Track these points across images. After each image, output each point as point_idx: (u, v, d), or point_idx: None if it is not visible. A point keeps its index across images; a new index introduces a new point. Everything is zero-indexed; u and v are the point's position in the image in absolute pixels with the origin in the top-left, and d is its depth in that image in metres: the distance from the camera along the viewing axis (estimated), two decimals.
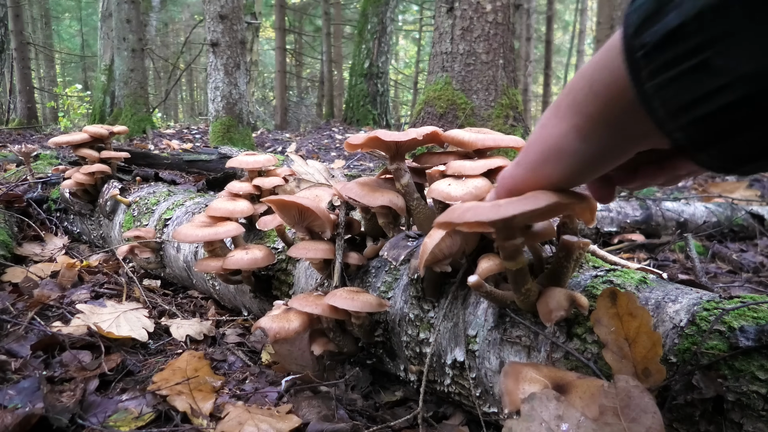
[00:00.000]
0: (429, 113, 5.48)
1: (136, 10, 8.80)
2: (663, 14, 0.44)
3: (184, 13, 21.79)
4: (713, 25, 0.41)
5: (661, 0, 0.44)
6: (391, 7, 8.55)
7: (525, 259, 0.76)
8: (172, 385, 1.14)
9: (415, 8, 20.66)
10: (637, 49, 0.46)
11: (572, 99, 0.56)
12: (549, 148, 0.59)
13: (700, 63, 0.42)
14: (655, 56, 0.45)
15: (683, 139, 0.47)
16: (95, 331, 1.35)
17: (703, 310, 0.77)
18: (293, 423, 1.02)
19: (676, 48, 0.43)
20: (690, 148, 0.48)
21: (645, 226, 2.73)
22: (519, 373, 0.73)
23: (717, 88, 0.43)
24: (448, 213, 0.66)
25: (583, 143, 0.56)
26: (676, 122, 0.46)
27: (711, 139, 0.46)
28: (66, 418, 1.00)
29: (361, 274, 1.19)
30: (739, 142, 0.45)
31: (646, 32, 0.45)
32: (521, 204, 0.60)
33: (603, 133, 0.54)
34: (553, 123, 0.58)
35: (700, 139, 0.47)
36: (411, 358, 1.08)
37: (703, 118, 0.45)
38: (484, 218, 0.61)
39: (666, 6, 0.44)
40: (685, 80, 0.44)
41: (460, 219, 0.63)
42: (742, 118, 0.43)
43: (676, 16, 0.43)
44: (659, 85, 0.45)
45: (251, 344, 1.46)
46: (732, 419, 0.67)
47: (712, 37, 0.41)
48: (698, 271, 1.89)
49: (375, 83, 9.04)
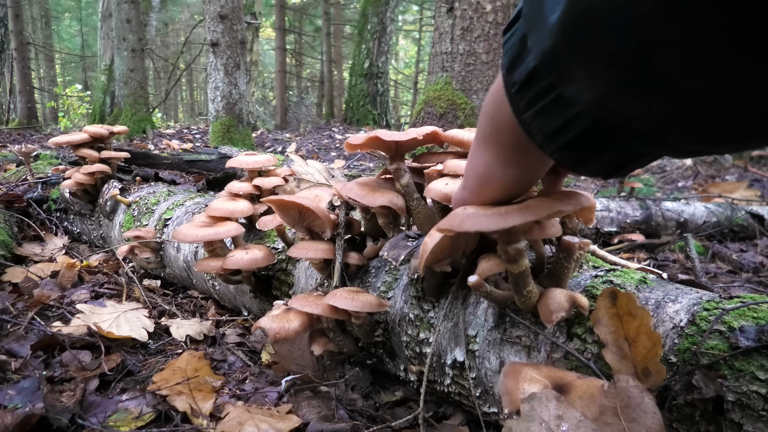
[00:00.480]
0: (429, 113, 5.48)
1: (136, 10, 8.80)
2: (524, 57, 0.51)
3: (184, 13, 21.79)
4: (556, 65, 0.46)
5: (521, 44, 0.51)
6: (391, 7, 8.54)
7: (527, 262, 0.76)
8: (172, 385, 1.14)
9: (415, 8, 20.66)
10: (511, 86, 0.53)
11: (483, 133, 0.64)
12: (482, 176, 0.67)
13: (557, 97, 0.49)
14: (524, 92, 0.52)
15: (563, 159, 0.55)
16: (95, 331, 1.35)
17: (703, 310, 0.77)
18: (293, 423, 1.02)
19: (537, 85, 0.50)
20: (569, 165, 0.56)
21: (645, 226, 2.73)
22: (519, 373, 0.73)
23: (574, 116, 0.50)
24: (449, 219, 0.66)
25: (507, 167, 0.64)
26: (553, 146, 0.54)
27: (582, 157, 0.54)
28: (66, 418, 1.00)
29: (361, 274, 1.19)
30: (606, 157, 0.53)
31: (515, 72, 0.52)
32: (522, 215, 0.60)
33: (517, 156, 0.63)
34: (478, 154, 0.66)
35: (575, 158, 0.54)
36: (411, 358, 1.08)
37: (571, 141, 0.52)
38: (484, 228, 0.61)
39: (524, 50, 0.50)
40: (549, 111, 0.51)
41: (461, 227, 0.64)
42: (602, 138, 0.50)
43: (532, 59, 0.49)
44: (532, 116, 0.53)
45: (251, 344, 1.46)
46: (732, 419, 0.67)
47: (559, 75, 0.47)
48: (698, 271, 1.89)
49: (375, 83, 9.04)
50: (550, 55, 0.46)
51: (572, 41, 0.42)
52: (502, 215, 0.61)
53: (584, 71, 0.43)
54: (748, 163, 5.51)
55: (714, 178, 5.31)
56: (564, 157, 0.54)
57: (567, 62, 0.45)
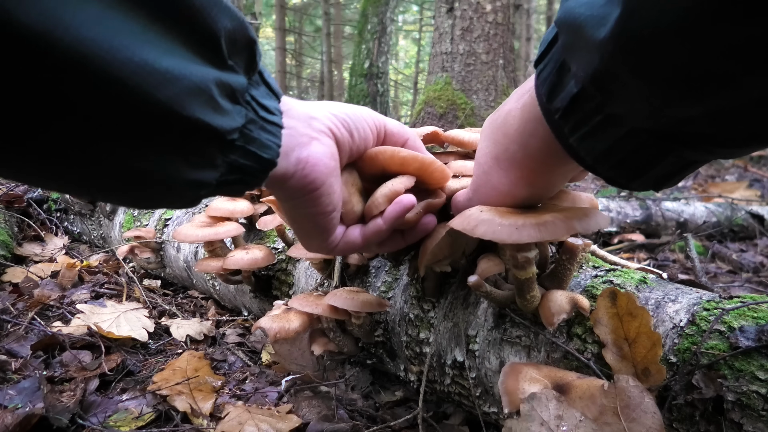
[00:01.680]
0: (429, 113, 5.48)
1: None
2: (565, 84, 0.52)
3: None
4: (606, 84, 0.47)
5: (560, 73, 0.53)
6: (391, 7, 8.55)
7: (535, 269, 0.76)
8: (172, 385, 1.14)
9: (415, 8, 20.66)
10: (553, 113, 0.54)
11: (511, 156, 0.65)
12: (502, 193, 0.69)
13: (605, 117, 0.50)
14: (568, 117, 0.53)
15: (616, 177, 0.56)
16: (95, 331, 1.35)
17: (703, 310, 0.77)
18: (293, 423, 1.02)
19: (583, 108, 0.51)
20: (622, 182, 0.57)
21: (645, 226, 2.73)
22: (519, 373, 0.73)
23: (626, 134, 0.50)
24: (462, 219, 0.67)
25: (531, 187, 0.67)
26: (605, 165, 0.55)
27: (636, 173, 0.54)
28: (66, 418, 1.00)
29: (361, 274, 1.20)
30: (659, 169, 0.53)
31: (555, 99, 0.54)
32: (539, 232, 0.60)
33: (545, 177, 0.66)
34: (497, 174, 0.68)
35: (628, 175, 0.55)
36: (411, 358, 1.08)
37: (623, 159, 0.53)
38: (498, 239, 0.62)
39: (564, 78, 0.52)
40: (598, 132, 0.52)
41: (473, 232, 0.64)
42: (655, 151, 0.51)
43: (575, 84, 0.51)
44: (579, 138, 0.54)
45: (251, 344, 1.46)
46: (732, 419, 0.67)
47: (608, 93, 0.48)
48: (698, 271, 1.89)
49: (375, 83, 9.04)
50: (600, 74, 0.46)
51: (627, 56, 0.43)
52: (518, 228, 0.61)
53: (641, 83, 0.44)
54: (747, 163, 5.51)
55: (714, 178, 5.31)
56: (617, 175, 0.55)
57: (621, 78, 0.45)
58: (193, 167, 0.52)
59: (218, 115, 0.50)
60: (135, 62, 0.41)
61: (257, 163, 0.56)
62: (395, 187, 0.73)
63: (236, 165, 0.55)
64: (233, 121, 0.52)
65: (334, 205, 0.69)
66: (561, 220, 0.61)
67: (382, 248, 0.84)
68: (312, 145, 0.64)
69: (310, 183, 0.64)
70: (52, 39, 0.37)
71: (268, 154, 0.57)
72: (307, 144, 0.63)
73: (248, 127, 0.55)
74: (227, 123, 0.52)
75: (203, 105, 0.48)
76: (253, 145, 0.55)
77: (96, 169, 0.47)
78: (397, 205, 0.73)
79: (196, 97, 0.47)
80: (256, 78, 0.57)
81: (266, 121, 0.57)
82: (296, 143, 0.62)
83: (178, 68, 0.45)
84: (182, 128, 0.47)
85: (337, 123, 0.68)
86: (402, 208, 0.73)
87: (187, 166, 0.51)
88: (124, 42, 0.41)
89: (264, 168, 0.58)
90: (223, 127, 0.51)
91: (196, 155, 0.51)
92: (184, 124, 0.47)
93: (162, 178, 0.50)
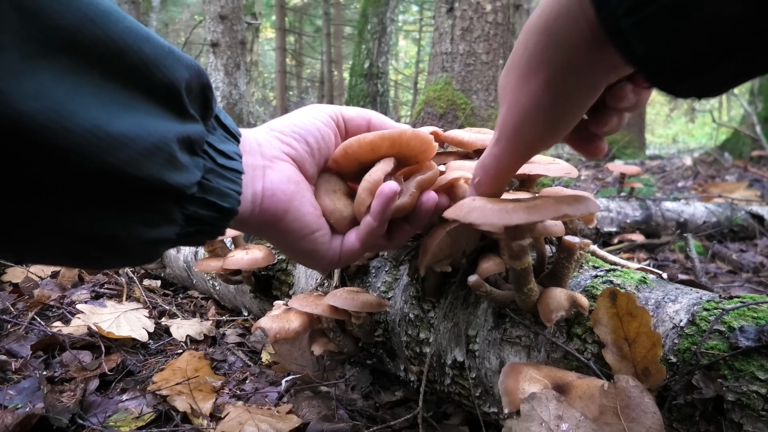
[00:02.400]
0: (429, 113, 5.48)
1: (136, 11, 8.80)
2: None
3: (184, 14, 21.80)
4: None
5: None
6: (391, 7, 8.54)
7: (530, 259, 0.76)
8: (172, 385, 1.14)
9: (415, 8, 20.67)
10: None
11: (531, 58, 0.55)
12: (525, 109, 0.58)
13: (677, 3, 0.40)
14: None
15: (672, 72, 0.46)
16: (95, 331, 1.35)
17: (703, 310, 0.77)
18: (293, 423, 1.02)
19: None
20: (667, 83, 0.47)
21: (645, 226, 2.73)
22: (519, 373, 0.73)
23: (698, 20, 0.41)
24: (456, 209, 0.66)
25: (557, 94, 0.55)
26: (659, 60, 0.45)
27: (697, 71, 0.44)
28: (66, 418, 1.00)
29: (361, 274, 1.20)
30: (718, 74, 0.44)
31: None
32: (529, 214, 0.60)
33: (574, 78, 0.54)
34: (521, 87, 0.57)
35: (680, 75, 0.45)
36: (411, 358, 1.08)
37: (678, 57, 0.43)
38: (489, 221, 0.61)
39: None
40: (660, 16, 0.42)
41: (466, 218, 0.63)
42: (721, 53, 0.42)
43: None
44: (633, 24, 0.43)
45: (251, 344, 1.46)
46: (732, 419, 0.67)
47: None
48: (698, 271, 1.89)
49: (375, 83, 9.04)
50: None
51: None
52: (508, 212, 0.61)
53: None
54: (747, 163, 5.51)
55: (714, 178, 5.31)
56: (674, 70, 0.45)
57: None
58: (151, 226, 0.50)
59: (177, 172, 0.49)
60: (85, 128, 0.41)
61: (217, 212, 0.54)
62: (373, 178, 0.67)
63: (195, 217, 0.53)
64: (191, 175, 0.51)
65: (311, 226, 0.65)
66: (551, 203, 0.61)
67: (392, 243, 0.77)
68: (266, 175, 0.60)
69: (272, 216, 0.61)
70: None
71: (228, 203, 0.55)
72: (260, 177, 0.60)
73: (207, 178, 0.53)
74: (185, 179, 0.50)
75: (161, 164, 0.47)
76: (212, 195, 0.53)
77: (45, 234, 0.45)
78: (379, 197, 0.65)
79: (154, 157, 0.46)
80: (212, 123, 0.56)
81: (225, 168, 0.55)
82: (250, 179, 0.59)
83: (134, 129, 0.44)
84: (138, 189, 0.46)
85: (287, 140, 0.64)
86: (385, 198, 0.65)
87: (145, 226, 0.49)
88: (74, 108, 0.40)
89: (224, 216, 0.56)
90: (181, 184, 0.49)
91: (153, 214, 0.49)
92: (141, 186, 0.46)
93: (119, 241, 0.48)
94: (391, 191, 0.65)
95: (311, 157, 0.67)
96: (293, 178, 0.63)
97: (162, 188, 0.47)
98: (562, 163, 0.94)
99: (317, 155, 0.68)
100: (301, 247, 0.66)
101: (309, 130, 0.67)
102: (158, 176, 0.47)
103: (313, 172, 0.69)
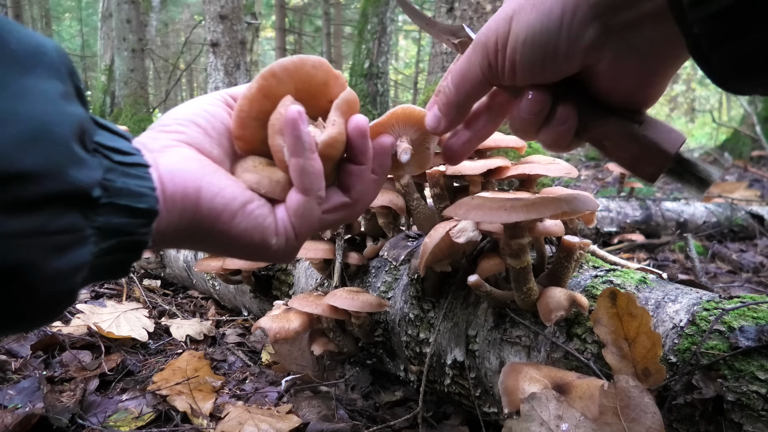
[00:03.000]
0: None
1: (136, 11, 8.80)
2: None
3: (184, 13, 21.80)
4: None
5: None
6: (391, 7, 8.54)
7: (529, 258, 0.76)
8: (172, 385, 1.14)
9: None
10: None
11: None
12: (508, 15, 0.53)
13: None
14: None
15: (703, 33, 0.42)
16: (95, 331, 1.35)
17: (703, 310, 0.77)
18: (293, 423, 1.02)
19: None
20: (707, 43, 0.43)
21: (645, 226, 2.72)
22: (519, 373, 0.73)
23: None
24: (455, 207, 0.66)
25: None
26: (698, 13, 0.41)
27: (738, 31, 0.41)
28: (66, 418, 1.00)
29: (361, 274, 1.19)
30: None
31: None
32: (527, 212, 0.60)
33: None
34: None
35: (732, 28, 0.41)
36: (411, 358, 1.08)
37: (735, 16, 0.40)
38: (488, 220, 0.61)
39: None
40: None
41: (466, 218, 0.63)
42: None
43: None
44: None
45: (251, 344, 1.46)
46: (732, 419, 0.67)
47: None
48: (698, 271, 1.89)
49: (375, 83, 9.04)
50: None
51: None
52: (507, 210, 0.61)
53: None
54: (747, 163, 5.51)
55: None
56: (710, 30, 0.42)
57: None
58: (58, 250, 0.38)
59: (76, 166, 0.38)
60: None
61: (134, 217, 0.44)
62: (275, 116, 0.54)
63: (109, 228, 0.42)
64: (93, 171, 0.40)
65: (238, 198, 0.52)
66: (549, 201, 0.62)
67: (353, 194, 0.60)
68: (158, 164, 0.49)
69: (182, 199, 0.49)
70: None
71: (145, 203, 0.45)
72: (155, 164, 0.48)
73: (108, 178, 0.42)
74: (88, 175, 0.39)
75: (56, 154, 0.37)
76: (122, 198, 0.43)
77: None
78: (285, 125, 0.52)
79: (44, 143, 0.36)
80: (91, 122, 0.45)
81: (126, 164, 0.45)
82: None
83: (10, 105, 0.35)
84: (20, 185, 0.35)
85: (172, 128, 0.54)
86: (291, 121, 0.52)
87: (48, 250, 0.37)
88: None
89: (145, 221, 0.45)
90: (84, 182, 0.39)
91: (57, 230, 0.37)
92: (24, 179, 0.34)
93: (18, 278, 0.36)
94: (294, 111, 0.51)
95: (207, 137, 0.55)
96: (192, 156, 0.52)
97: (62, 189, 0.37)
98: (562, 163, 0.94)
99: (215, 135, 0.56)
100: (241, 230, 0.52)
101: (195, 113, 0.56)
102: (56, 169, 0.36)
103: (218, 153, 0.56)
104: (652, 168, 0.54)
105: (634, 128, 0.53)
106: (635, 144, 0.54)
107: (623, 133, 0.54)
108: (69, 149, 0.38)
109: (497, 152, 1.05)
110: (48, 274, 0.37)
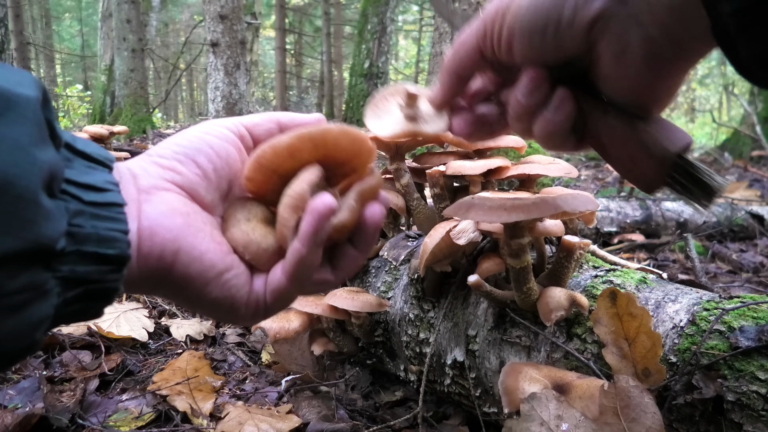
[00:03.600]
0: None
1: (136, 10, 8.80)
2: None
3: (184, 14, 21.81)
4: None
5: None
6: (391, 7, 8.55)
7: (529, 258, 0.76)
8: (172, 385, 1.14)
9: (415, 8, 20.67)
10: None
11: None
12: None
13: None
14: None
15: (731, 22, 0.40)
16: (95, 331, 1.35)
17: (703, 310, 0.77)
18: (293, 423, 1.02)
19: None
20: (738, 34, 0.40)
21: (645, 226, 2.72)
22: (519, 373, 0.73)
23: None
24: (455, 207, 0.66)
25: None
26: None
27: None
28: (66, 418, 1.00)
29: (361, 274, 1.20)
30: None
31: None
32: (527, 212, 0.60)
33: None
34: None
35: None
36: (411, 358, 1.08)
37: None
38: (488, 220, 0.61)
39: None
40: None
41: (465, 218, 0.63)
42: None
43: None
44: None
45: (251, 344, 1.46)
46: (732, 419, 0.67)
47: None
48: (698, 271, 1.89)
49: (375, 83, 9.04)
50: None
51: None
52: (507, 209, 0.61)
53: None
54: (747, 163, 5.51)
55: None
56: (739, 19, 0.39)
57: None
58: (16, 309, 0.35)
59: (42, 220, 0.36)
60: None
61: (102, 264, 0.41)
62: (296, 190, 0.49)
63: (75, 277, 0.39)
64: (58, 223, 0.37)
65: (216, 266, 0.48)
66: (549, 201, 0.61)
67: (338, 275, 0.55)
68: (142, 211, 0.45)
69: (156, 263, 0.45)
70: None
71: (114, 249, 0.41)
72: (134, 214, 0.45)
73: (75, 223, 0.39)
74: (52, 229, 0.37)
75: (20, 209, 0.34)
76: (88, 245, 0.40)
77: None
78: (311, 214, 0.47)
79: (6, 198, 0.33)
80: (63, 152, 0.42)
81: (97, 204, 0.41)
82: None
83: None
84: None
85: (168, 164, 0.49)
86: (318, 215, 0.47)
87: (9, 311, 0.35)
88: None
89: (114, 267, 0.42)
90: (49, 236, 0.36)
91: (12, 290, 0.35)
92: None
93: None
94: (326, 206, 0.47)
95: (205, 180, 0.51)
96: (180, 209, 0.48)
97: (21, 247, 0.34)
98: (562, 163, 0.94)
99: (215, 178, 0.52)
100: (211, 298, 0.49)
101: (198, 148, 0.51)
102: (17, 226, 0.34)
103: (212, 199, 0.52)
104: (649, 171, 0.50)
105: (634, 122, 0.49)
106: (633, 141, 0.50)
107: (622, 128, 0.50)
108: (34, 202, 0.35)
109: (497, 152, 1.05)
110: (3, 335, 0.35)
